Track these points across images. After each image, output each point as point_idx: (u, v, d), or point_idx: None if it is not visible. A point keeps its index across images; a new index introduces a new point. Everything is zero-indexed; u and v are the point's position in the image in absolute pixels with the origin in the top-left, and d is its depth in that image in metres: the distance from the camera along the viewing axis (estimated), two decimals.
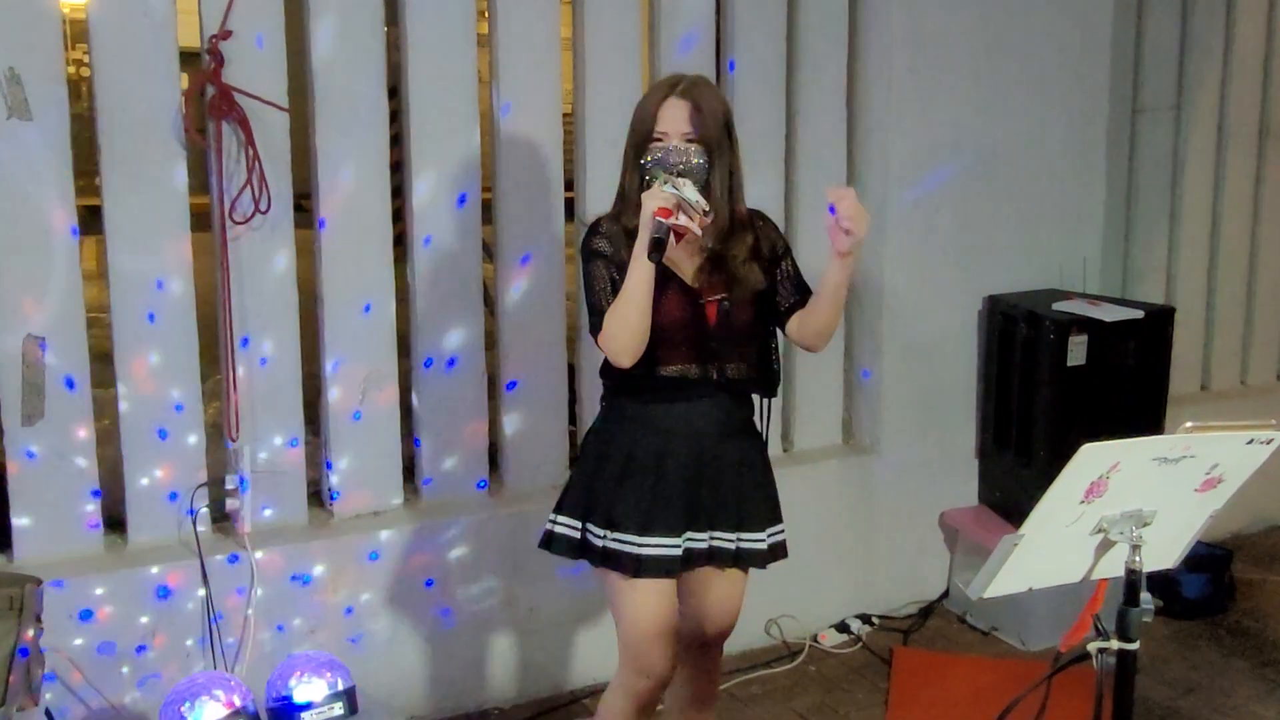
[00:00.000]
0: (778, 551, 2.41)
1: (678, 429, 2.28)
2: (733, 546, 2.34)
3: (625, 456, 2.29)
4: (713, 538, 2.33)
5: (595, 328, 2.23)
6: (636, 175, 2.24)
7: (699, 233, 2.15)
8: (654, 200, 2.10)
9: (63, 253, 2.72)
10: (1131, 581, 1.77)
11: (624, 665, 2.38)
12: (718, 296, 2.27)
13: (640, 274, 2.13)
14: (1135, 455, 1.72)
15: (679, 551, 2.29)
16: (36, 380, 2.71)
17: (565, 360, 3.34)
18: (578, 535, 2.34)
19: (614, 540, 2.27)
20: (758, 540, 2.36)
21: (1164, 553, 1.89)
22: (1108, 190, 3.97)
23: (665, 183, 2.13)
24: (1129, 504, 1.76)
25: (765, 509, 2.39)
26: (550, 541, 2.38)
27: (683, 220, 2.10)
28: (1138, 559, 1.77)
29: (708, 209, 2.16)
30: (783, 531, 2.43)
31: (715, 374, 2.28)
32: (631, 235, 2.19)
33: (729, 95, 3.44)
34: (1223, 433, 1.74)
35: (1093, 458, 1.68)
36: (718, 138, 2.22)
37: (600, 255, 2.26)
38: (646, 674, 2.34)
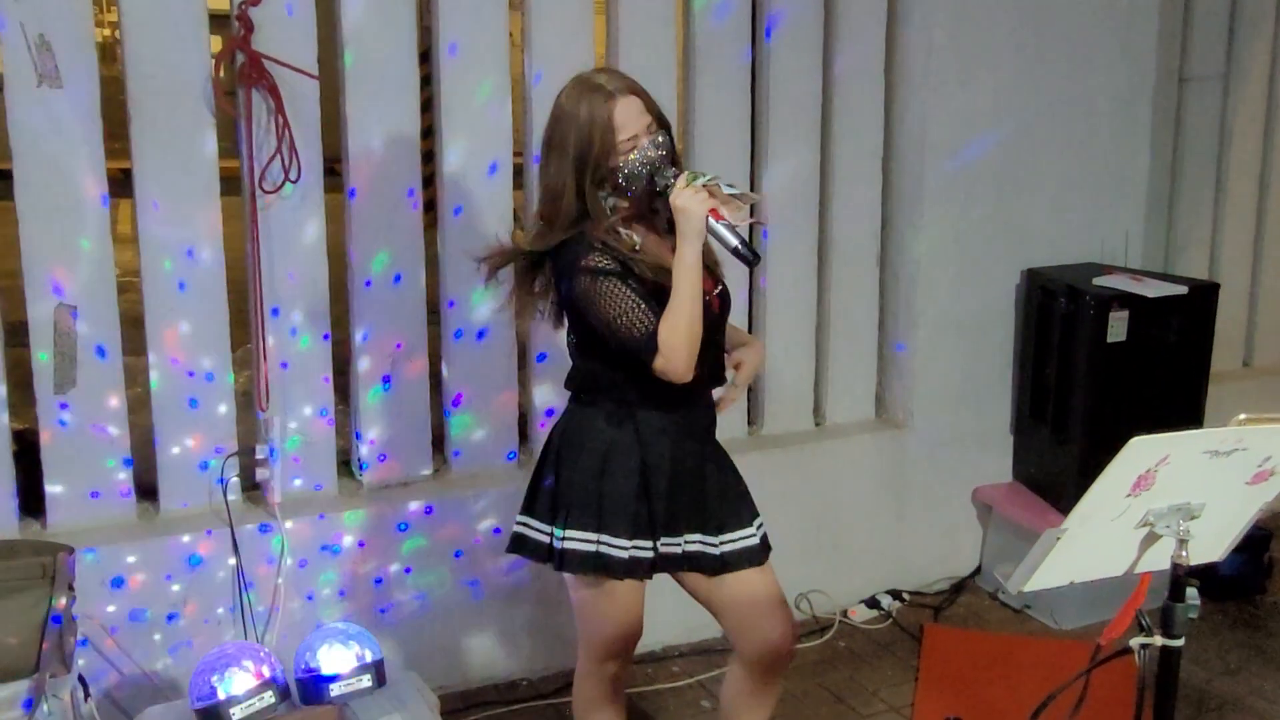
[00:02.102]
0: (766, 543, 2.35)
1: (684, 432, 2.22)
2: (753, 542, 2.30)
3: (640, 463, 2.20)
4: (723, 541, 2.28)
5: (648, 350, 2.05)
6: (597, 191, 2.10)
7: (762, 222, 2.12)
8: (700, 204, 2.02)
9: (94, 221, 2.70)
10: (1177, 577, 1.73)
11: (589, 654, 2.35)
12: (717, 290, 2.22)
13: (694, 280, 2.04)
14: (1185, 448, 1.67)
15: (672, 552, 2.25)
16: (68, 349, 2.71)
17: None
18: (593, 549, 2.20)
19: (636, 549, 2.20)
20: (749, 537, 2.31)
21: (1211, 546, 1.84)
22: (1151, 162, 3.87)
23: (695, 179, 2.05)
24: (1177, 497, 1.71)
25: (748, 504, 2.34)
26: (564, 559, 2.22)
27: (731, 217, 2.03)
28: (1184, 553, 1.73)
29: (755, 196, 2.11)
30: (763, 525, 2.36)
31: (711, 370, 2.23)
32: (617, 255, 2.10)
33: (765, 63, 3.37)
34: (1278, 425, 1.68)
35: (1142, 450, 1.63)
36: (664, 115, 2.17)
37: (611, 274, 2.08)
38: (612, 655, 2.33)
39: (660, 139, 2.12)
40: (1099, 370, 3.47)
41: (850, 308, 3.63)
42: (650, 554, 2.22)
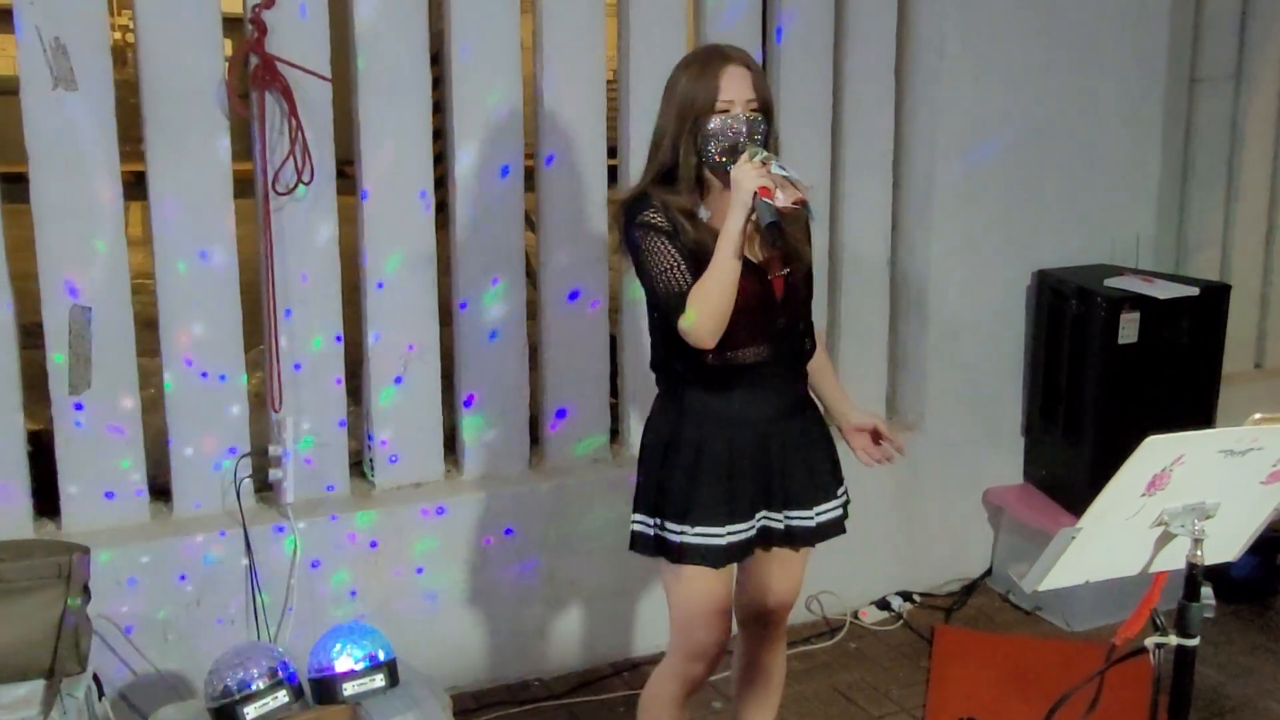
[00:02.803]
0: (847, 512, 2.39)
1: (742, 416, 2.22)
2: (812, 523, 2.31)
3: (695, 450, 2.22)
4: (788, 517, 2.29)
5: (676, 309, 2.10)
6: (693, 150, 2.15)
7: (810, 211, 2.12)
8: (753, 179, 2.03)
9: (108, 223, 2.72)
10: (1192, 576, 1.73)
11: (676, 650, 2.36)
12: (784, 271, 2.22)
13: (733, 253, 2.05)
14: (1201, 447, 1.67)
15: (754, 534, 2.27)
16: (83, 350, 2.72)
17: (607, 332, 3.31)
18: (651, 532, 2.27)
19: (695, 535, 2.22)
20: (832, 509, 2.34)
21: (1225, 545, 1.84)
22: (1162, 163, 3.87)
23: (755, 155, 2.06)
24: (1192, 497, 1.71)
25: (832, 477, 2.35)
26: (634, 542, 2.32)
27: (780, 198, 2.02)
28: (1199, 553, 1.73)
29: (808, 183, 2.11)
30: (846, 493, 2.38)
31: (780, 353, 2.23)
32: (690, 215, 2.14)
33: (775, 64, 3.38)
34: None
35: (1157, 450, 1.63)
36: (772, 104, 2.20)
37: (661, 231, 2.13)
38: (699, 656, 2.33)
39: (755, 117, 2.14)
40: (1110, 372, 3.46)
41: (861, 309, 3.64)
42: (720, 541, 2.22)
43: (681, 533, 2.23)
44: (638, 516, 2.30)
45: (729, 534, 2.23)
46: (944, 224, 3.58)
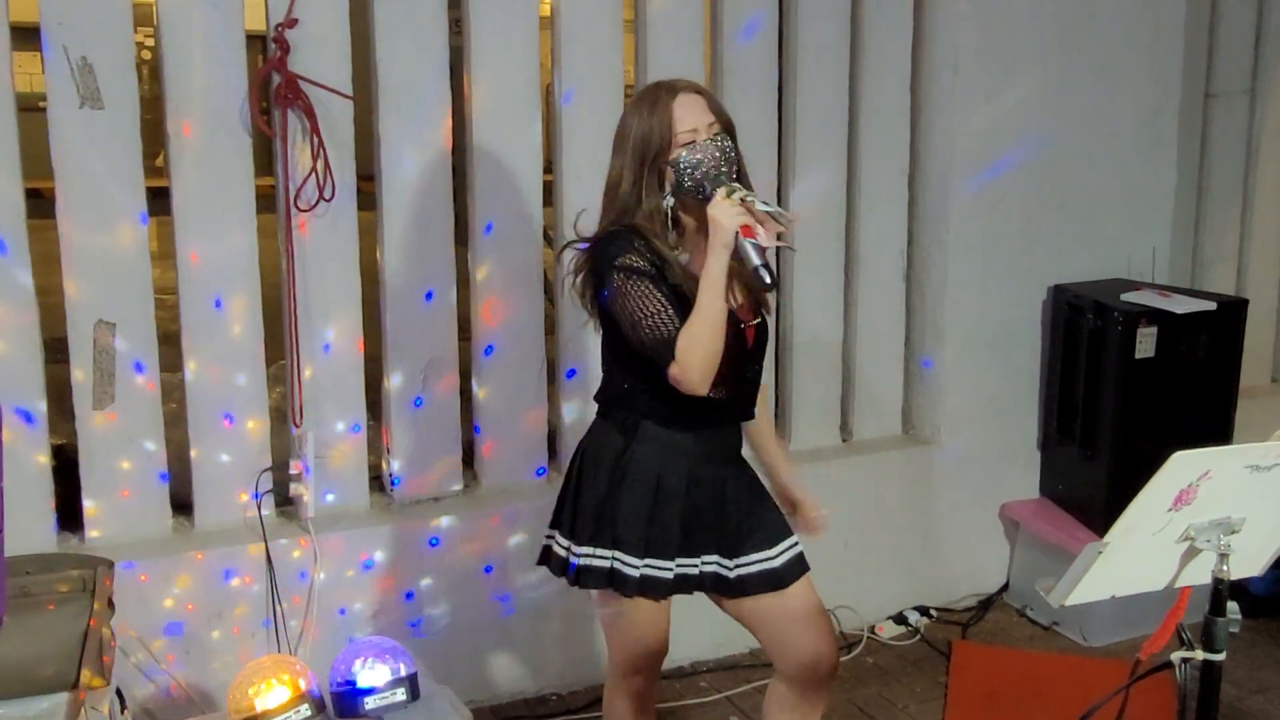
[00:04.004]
0: (802, 560, 2.30)
1: (705, 454, 2.20)
2: (741, 572, 2.25)
3: (655, 481, 2.17)
4: (738, 564, 2.25)
5: (666, 357, 2.03)
6: (657, 191, 2.08)
7: (791, 247, 2.10)
8: (734, 218, 1.98)
9: (132, 239, 2.74)
10: (1218, 591, 1.73)
11: (616, 669, 2.35)
12: (755, 320, 2.21)
13: (717, 293, 2.00)
14: (1227, 463, 1.67)
15: (690, 572, 2.23)
16: (107, 365, 2.74)
17: None
18: (607, 565, 2.19)
19: (647, 568, 2.18)
20: (766, 559, 2.26)
21: (1250, 560, 1.84)
22: (1178, 177, 3.88)
23: (733, 193, 2.01)
24: (1218, 512, 1.72)
25: (773, 528, 2.29)
26: (580, 575, 2.21)
27: (763, 236, 1.98)
28: (1225, 568, 1.73)
29: (791, 217, 2.09)
30: (798, 543, 2.32)
31: (740, 398, 2.22)
32: (661, 256, 2.08)
33: (791, 80, 3.40)
34: None
35: (1183, 465, 1.64)
36: (732, 123, 2.16)
37: (644, 274, 2.05)
38: (640, 670, 2.33)
39: (722, 141, 2.09)
40: (1127, 386, 3.46)
41: (877, 324, 3.64)
42: (668, 574, 2.19)
43: (637, 566, 2.17)
44: (586, 549, 2.19)
45: (678, 567, 2.20)
46: (960, 239, 3.59)
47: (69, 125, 2.64)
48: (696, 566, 2.23)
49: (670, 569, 2.20)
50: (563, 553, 2.27)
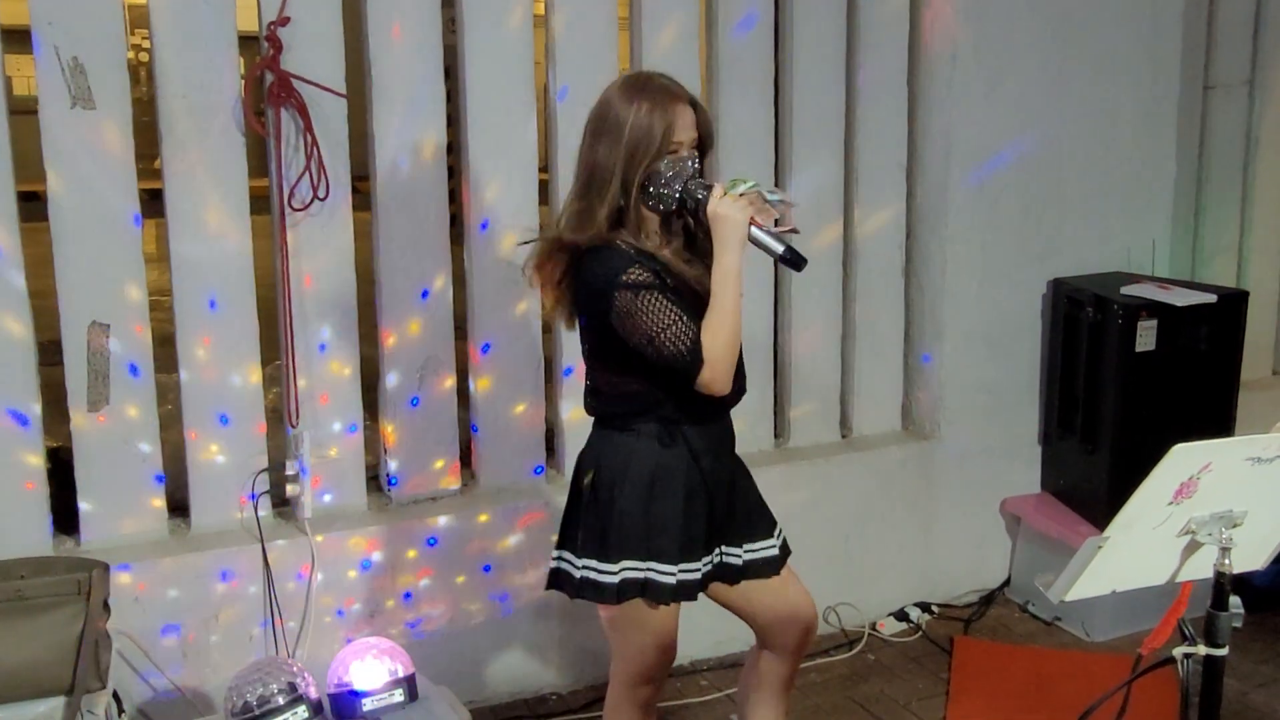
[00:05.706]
0: (786, 549, 2.38)
1: (710, 449, 2.19)
2: (748, 558, 2.30)
3: (683, 485, 2.16)
4: (742, 550, 2.29)
5: (694, 366, 2.01)
6: (641, 193, 2.06)
7: (795, 229, 2.11)
8: (742, 210, 2.00)
9: (126, 241, 2.73)
10: (1220, 585, 1.72)
11: (625, 681, 2.29)
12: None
13: (736, 289, 2.01)
14: (1228, 455, 1.66)
15: (709, 569, 2.24)
16: (101, 367, 2.73)
17: None
18: (641, 576, 2.14)
19: (682, 572, 2.17)
20: (770, 547, 2.33)
21: (1252, 554, 1.82)
22: (1178, 170, 3.86)
23: (736, 186, 2.03)
24: (1219, 505, 1.70)
25: (768, 515, 2.35)
26: (620, 592, 2.14)
27: (768, 225, 2.00)
28: (1227, 561, 1.72)
29: (791, 202, 2.10)
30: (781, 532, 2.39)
31: (738, 384, 2.19)
32: (652, 258, 2.07)
33: (788, 74, 3.38)
34: None
35: (1184, 458, 1.62)
36: (711, 136, 2.17)
37: (651, 287, 2.02)
38: (650, 680, 2.29)
39: (695, 160, 2.10)
40: (1128, 380, 3.45)
41: (876, 319, 3.63)
42: (698, 574, 2.20)
43: (673, 574, 2.15)
44: (623, 564, 2.13)
45: (704, 565, 2.22)
46: (958, 233, 3.58)
47: (61, 126, 2.62)
48: (716, 560, 2.26)
49: (699, 569, 2.20)
50: (581, 573, 2.18)
